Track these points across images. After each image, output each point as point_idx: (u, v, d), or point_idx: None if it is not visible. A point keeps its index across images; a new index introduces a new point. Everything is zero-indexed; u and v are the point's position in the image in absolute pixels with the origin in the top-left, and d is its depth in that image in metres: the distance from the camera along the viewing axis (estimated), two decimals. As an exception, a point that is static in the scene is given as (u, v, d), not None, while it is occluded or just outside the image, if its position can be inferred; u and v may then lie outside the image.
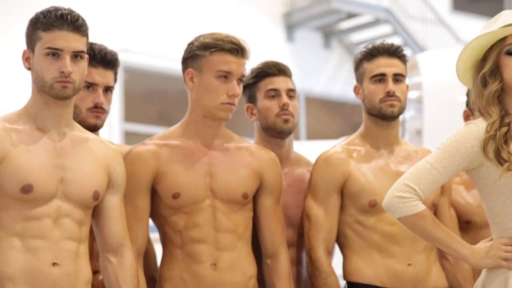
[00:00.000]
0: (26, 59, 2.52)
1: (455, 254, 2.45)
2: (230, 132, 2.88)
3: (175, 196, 2.72)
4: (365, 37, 12.82)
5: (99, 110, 2.86)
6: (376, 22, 13.13)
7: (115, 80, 2.94)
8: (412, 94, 5.06)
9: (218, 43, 2.73)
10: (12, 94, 7.72)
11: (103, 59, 2.87)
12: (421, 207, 2.39)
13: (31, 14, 2.52)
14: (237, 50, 2.74)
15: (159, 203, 2.76)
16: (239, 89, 2.75)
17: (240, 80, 2.76)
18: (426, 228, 2.42)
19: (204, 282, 2.72)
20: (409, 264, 2.93)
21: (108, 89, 2.89)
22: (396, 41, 9.99)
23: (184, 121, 2.83)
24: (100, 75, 2.86)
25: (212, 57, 2.74)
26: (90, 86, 2.84)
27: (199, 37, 2.79)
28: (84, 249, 2.52)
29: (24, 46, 2.53)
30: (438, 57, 5.82)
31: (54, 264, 2.43)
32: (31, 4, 2.51)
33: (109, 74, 2.89)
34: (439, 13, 13.68)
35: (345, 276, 2.99)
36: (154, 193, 2.76)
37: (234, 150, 2.83)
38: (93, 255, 2.69)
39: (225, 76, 2.73)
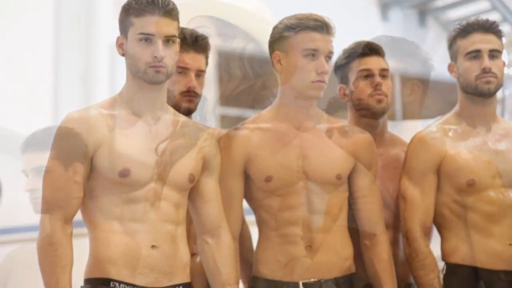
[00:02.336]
0: (120, 45, 2.55)
1: None
2: (323, 113, 2.85)
3: (268, 179, 2.72)
4: (462, 14, 12.48)
5: (192, 94, 2.88)
6: (473, -2, 12.81)
7: (207, 63, 2.96)
8: (512, 71, 4.94)
9: (302, 22, 2.71)
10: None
11: (194, 43, 2.88)
12: None
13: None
14: (322, 26, 2.71)
15: (253, 187, 2.77)
16: (327, 66, 2.72)
17: (328, 57, 2.73)
18: None
19: (300, 264, 2.72)
20: (510, 244, 2.86)
21: (200, 73, 2.92)
22: (494, 17, 9.71)
23: (276, 104, 2.82)
24: (192, 59, 2.88)
25: (298, 36, 2.72)
26: (182, 70, 2.86)
27: (283, 19, 2.77)
28: (181, 231, 2.56)
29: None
30: (539, 31, 5.65)
31: (153, 246, 2.47)
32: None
33: (200, 58, 2.90)
34: (539, -13, 13.24)
35: (443, 257, 2.95)
36: (247, 177, 2.77)
37: (327, 130, 2.81)
38: (190, 238, 2.72)
39: (312, 54, 2.71)
